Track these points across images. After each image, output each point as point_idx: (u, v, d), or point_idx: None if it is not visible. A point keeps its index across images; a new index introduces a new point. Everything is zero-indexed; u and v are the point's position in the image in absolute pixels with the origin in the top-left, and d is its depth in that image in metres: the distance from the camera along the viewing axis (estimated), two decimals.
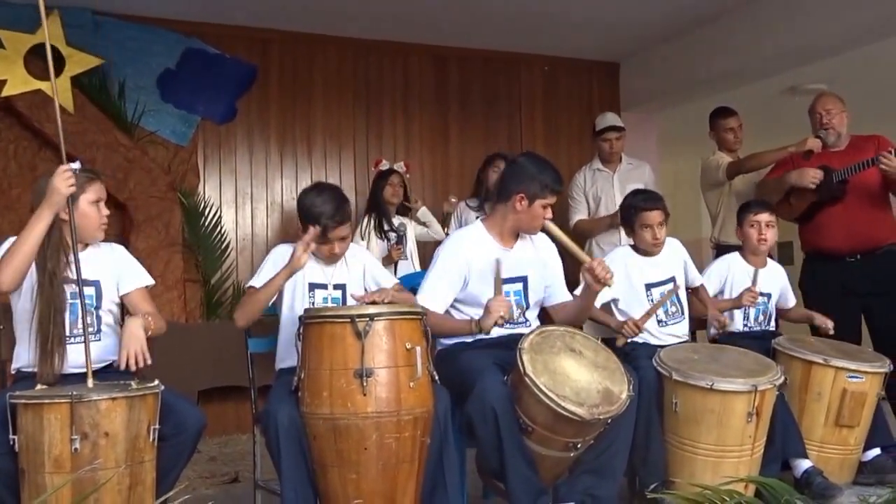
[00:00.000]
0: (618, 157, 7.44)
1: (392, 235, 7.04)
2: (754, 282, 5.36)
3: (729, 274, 5.53)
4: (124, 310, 4.23)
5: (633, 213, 5.15)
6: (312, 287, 4.44)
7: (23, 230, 3.82)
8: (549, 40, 8.52)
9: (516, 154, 6.02)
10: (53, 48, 6.85)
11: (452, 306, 4.53)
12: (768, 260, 5.68)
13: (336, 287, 4.51)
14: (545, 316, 4.82)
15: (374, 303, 4.22)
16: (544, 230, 4.59)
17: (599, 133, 7.42)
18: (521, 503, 4.00)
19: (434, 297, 4.44)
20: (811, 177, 5.99)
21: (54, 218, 3.93)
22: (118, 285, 4.16)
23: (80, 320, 3.95)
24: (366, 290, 4.55)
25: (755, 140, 7.47)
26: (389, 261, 6.83)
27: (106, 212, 4.08)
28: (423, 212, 7.34)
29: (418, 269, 6.96)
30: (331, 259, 4.50)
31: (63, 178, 3.79)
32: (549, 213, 4.52)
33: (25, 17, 6.73)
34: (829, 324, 5.42)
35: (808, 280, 6.12)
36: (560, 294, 4.79)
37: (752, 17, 7.52)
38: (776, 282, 5.63)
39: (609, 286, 4.49)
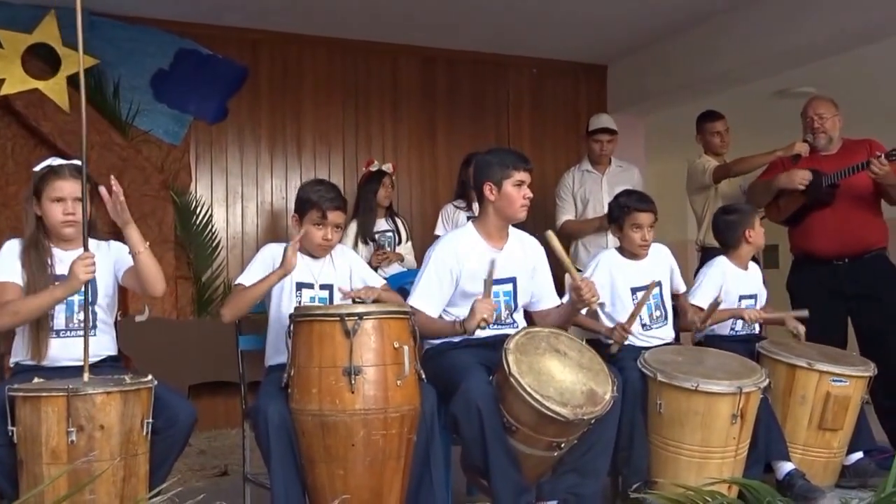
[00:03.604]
0: (607, 159, 7.47)
1: (378, 241, 7.07)
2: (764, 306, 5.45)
3: (724, 280, 5.50)
4: (120, 309, 4.28)
5: (625, 213, 5.15)
6: (300, 286, 4.48)
7: (34, 296, 3.94)
8: (537, 42, 8.56)
9: None
10: (50, 48, 6.96)
11: None
12: (749, 261, 5.71)
13: (323, 287, 4.54)
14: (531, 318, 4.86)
15: (360, 300, 4.28)
16: (545, 240, 4.62)
17: (591, 134, 7.45)
18: (505, 500, 4.04)
19: (428, 299, 4.49)
20: (800, 178, 5.99)
21: (34, 219, 4.09)
22: (117, 273, 4.22)
23: (75, 316, 4.05)
24: (352, 290, 4.59)
25: (743, 144, 7.51)
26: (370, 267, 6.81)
27: (70, 209, 4.05)
28: (410, 261, 7.30)
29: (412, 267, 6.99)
30: (321, 250, 4.54)
31: (83, 265, 3.84)
32: (525, 192, 4.55)
33: (23, 17, 6.84)
34: (800, 329, 5.41)
35: (796, 282, 6.12)
36: (548, 300, 4.84)
37: (741, 20, 7.55)
38: (759, 283, 5.66)
39: (592, 308, 4.59)
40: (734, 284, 5.51)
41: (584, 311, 4.95)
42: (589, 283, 4.50)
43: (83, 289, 3.91)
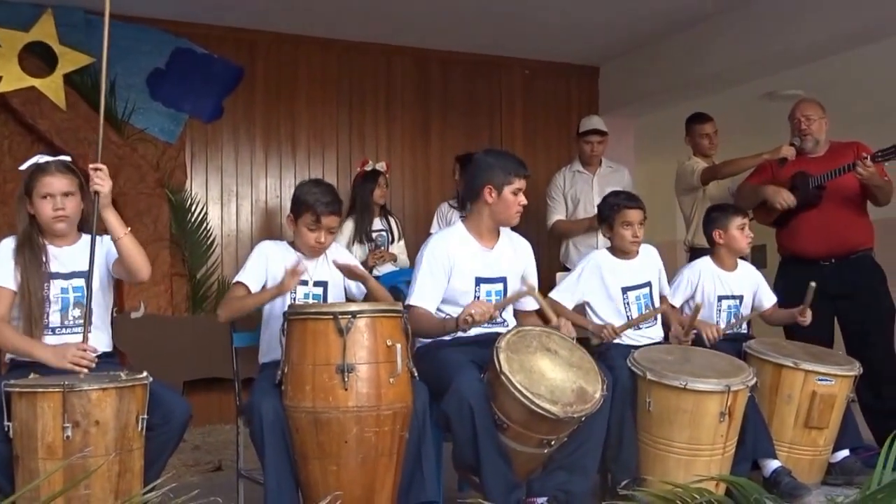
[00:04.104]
0: (598, 160, 7.50)
1: (374, 239, 7.11)
2: (728, 323, 5.50)
3: (699, 280, 5.55)
4: (116, 305, 4.31)
5: (615, 211, 5.20)
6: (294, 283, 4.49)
7: (23, 338, 3.98)
8: (530, 44, 8.62)
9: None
10: (47, 46, 6.99)
11: None
12: (740, 261, 5.73)
13: (317, 284, 4.57)
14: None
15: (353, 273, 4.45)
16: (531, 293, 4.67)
17: (582, 135, 7.49)
18: (496, 497, 4.06)
19: (425, 295, 4.52)
20: (783, 199, 6.05)
21: (27, 217, 4.11)
22: (108, 265, 4.23)
23: (70, 312, 4.08)
24: (346, 289, 4.65)
25: (732, 145, 7.57)
26: (365, 266, 6.84)
27: (59, 205, 4.07)
28: (403, 260, 7.34)
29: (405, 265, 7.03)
30: (314, 251, 4.56)
31: (77, 356, 3.86)
32: (522, 199, 4.59)
33: (21, 16, 6.87)
34: (804, 318, 5.46)
35: (783, 282, 6.15)
36: (531, 303, 4.87)
37: (730, 23, 7.62)
38: (748, 284, 5.67)
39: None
40: (713, 285, 5.55)
41: (573, 301, 5.14)
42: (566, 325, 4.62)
43: (80, 285, 3.98)
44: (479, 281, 4.61)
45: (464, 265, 4.57)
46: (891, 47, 7.25)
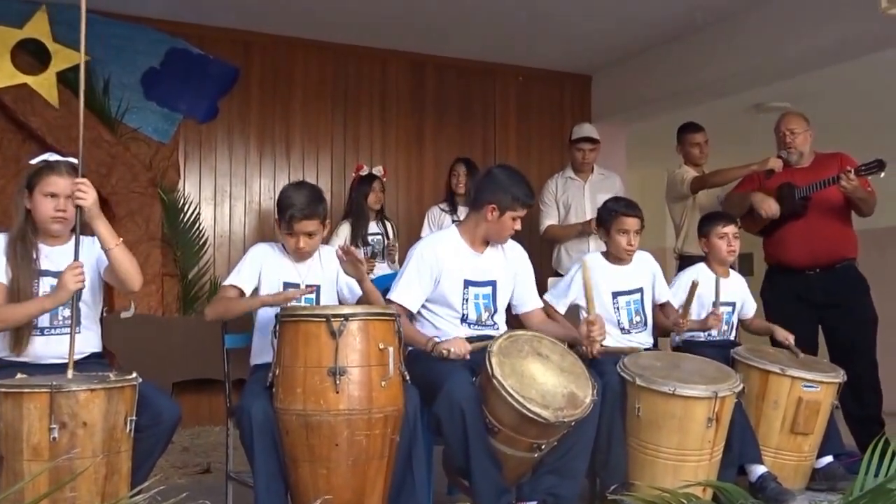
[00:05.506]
0: (590, 167, 7.55)
1: (370, 243, 7.12)
2: (716, 302, 5.46)
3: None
4: (106, 305, 4.30)
5: (613, 217, 5.24)
6: (286, 286, 4.48)
7: (22, 304, 3.95)
8: (524, 51, 8.67)
9: (479, 160, 6.09)
10: (40, 43, 6.99)
11: (422, 305, 4.65)
12: (730, 270, 5.78)
13: (310, 286, 4.54)
14: (512, 320, 4.93)
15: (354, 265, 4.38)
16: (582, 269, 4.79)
17: (574, 142, 7.52)
18: (486, 501, 4.09)
19: (407, 294, 4.56)
20: (768, 208, 6.13)
21: (24, 212, 4.07)
22: (99, 268, 4.19)
23: (60, 313, 4.04)
24: (338, 292, 4.64)
25: (721, 155, 7.60)
26: None
27: (62, 206, 4.02)
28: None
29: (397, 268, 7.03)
30: (298, 255, 4.53)
31: (73, 275, 3.86)
32: (518, 225, 4.66)
33: (13, 12, 6.85)
34: (790, 338, 5.51)
35: (769, 290, 6.25)
36: (531, 301, 4.92)
37: (720, 36, 7.69)
38: (739, 291, 5.75)
39: (592, 350, 4.71)
40: (708, 291, 5.57)
41: (565, 303, 5.18)
42: (600, 321, 4.68)
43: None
44: (468, 284, 4.64)
45: (453, 268, 4.60)
46: (875, 62, 7.35)
